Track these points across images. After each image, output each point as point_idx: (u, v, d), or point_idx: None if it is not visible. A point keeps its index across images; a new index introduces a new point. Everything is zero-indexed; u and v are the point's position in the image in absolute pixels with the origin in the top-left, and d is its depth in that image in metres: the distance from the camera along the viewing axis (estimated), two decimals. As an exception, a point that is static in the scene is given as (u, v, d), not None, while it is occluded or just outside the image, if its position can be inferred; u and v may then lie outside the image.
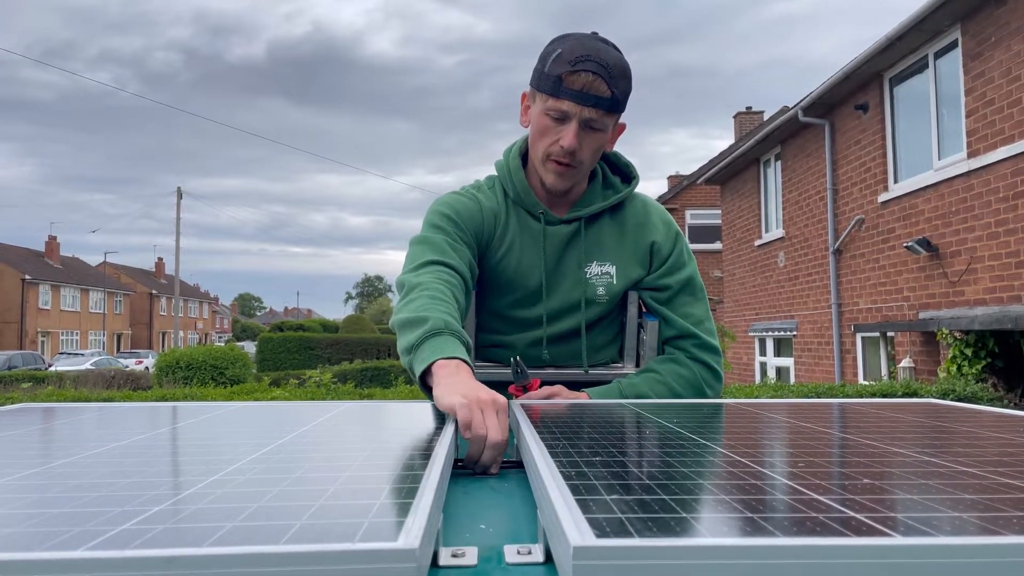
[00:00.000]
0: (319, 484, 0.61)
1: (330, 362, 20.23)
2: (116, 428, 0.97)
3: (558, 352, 1.54)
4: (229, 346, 12.70)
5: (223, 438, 0.89)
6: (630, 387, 1.44)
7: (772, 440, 0.85)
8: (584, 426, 0.96)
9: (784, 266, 11.44)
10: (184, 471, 0.67)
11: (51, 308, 46.44)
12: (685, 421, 1.01)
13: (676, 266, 1.55)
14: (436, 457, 0.70)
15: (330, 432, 0.92)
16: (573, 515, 0.51)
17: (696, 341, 1.51)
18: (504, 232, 1.55)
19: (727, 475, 0.64)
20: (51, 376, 13.23)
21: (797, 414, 1.07)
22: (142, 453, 0.78)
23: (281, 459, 0.73)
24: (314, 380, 5.41)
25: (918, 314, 7.83)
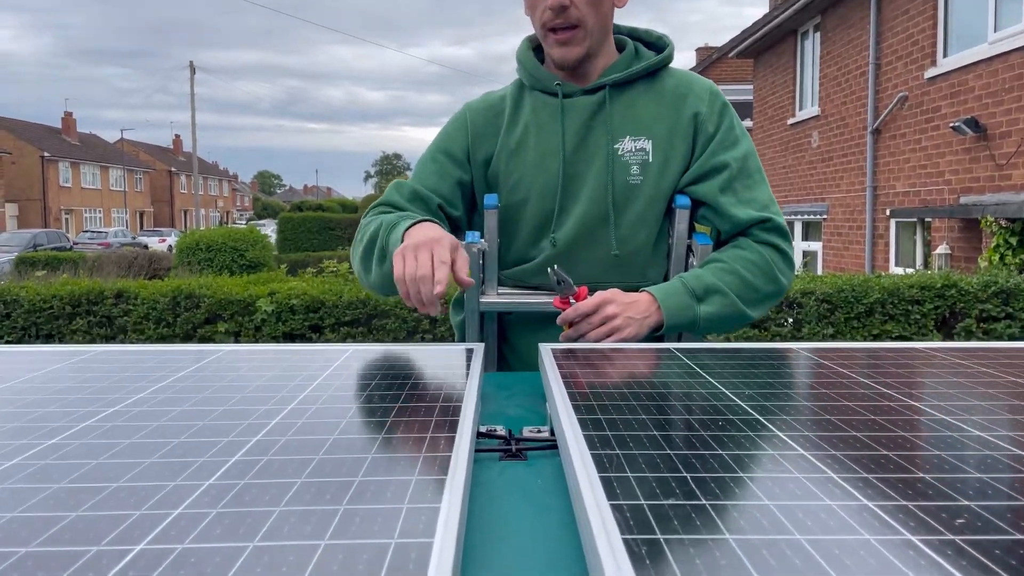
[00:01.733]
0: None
1: (350, 243, 20.16)
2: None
3: (587, 255, 1.32)
4: (249, 228, 12.59)
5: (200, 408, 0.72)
6: (695, 280, 1.23)
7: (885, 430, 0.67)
8: (637, 396, 0.78)
9: (818, 146, 10.95)
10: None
11: (72, 186, 46.53)
12: (751, 379, 0.82)
13: (727, 142, 1.30)
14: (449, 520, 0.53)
15: (323, 413, 0.75)
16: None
17: (764, 225, 1.29)
18: (514, 119, 1.34)
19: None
20: (73, 257, 13.30)
21: (883, 368, 0.88)
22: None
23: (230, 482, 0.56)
24: (331, 269, 5.30)
25: (959, 199, 7.47)
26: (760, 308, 1.28)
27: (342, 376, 0.89)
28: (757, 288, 1.26)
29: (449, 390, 0.82)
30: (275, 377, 0.88)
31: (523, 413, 0.95)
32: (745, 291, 1.25)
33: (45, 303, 4.71)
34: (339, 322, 4.63)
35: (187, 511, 0.50)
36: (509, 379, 1.17)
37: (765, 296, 1.28)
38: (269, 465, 0.59)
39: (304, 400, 0.78)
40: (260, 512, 0.49)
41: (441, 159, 1.37)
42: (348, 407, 0.75)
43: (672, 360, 0.96)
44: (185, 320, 4.66)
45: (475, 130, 1.37)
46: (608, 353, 1.02)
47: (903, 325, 4.58)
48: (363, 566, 0.42)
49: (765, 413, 0.72)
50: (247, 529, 0.47)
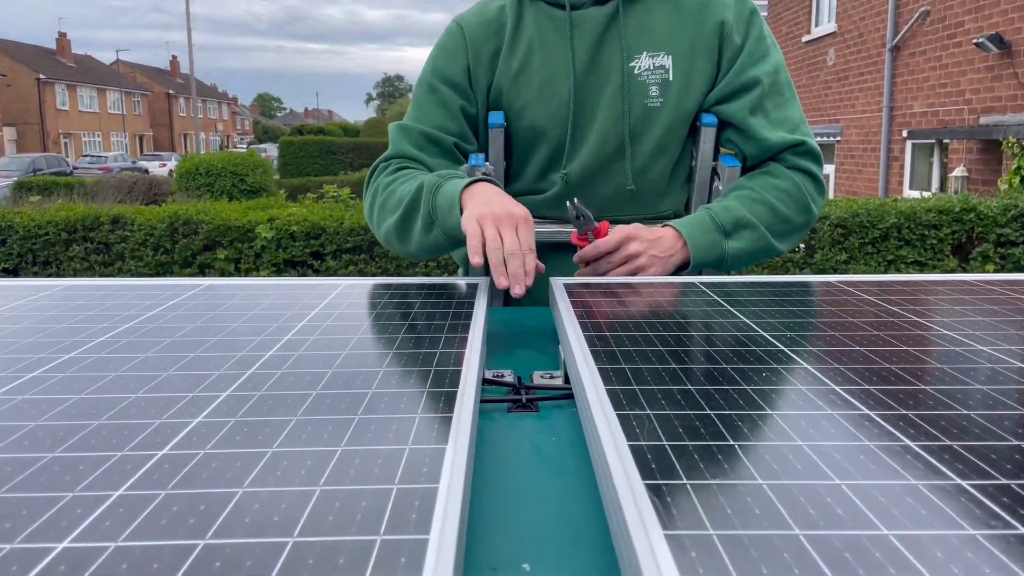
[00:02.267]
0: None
1: (352, 167, 19.92)
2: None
3: (601, 189, 1.20)
4: (249, 152, 12.36)
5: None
6: (724, 213, 1.11)
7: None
8: (657, 333, 0.68)
9: (833, 65, 10.57)
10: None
11: (69, 109, 45.78)
12: (782, 316, 0.72)
13: (757, 55, 1.16)
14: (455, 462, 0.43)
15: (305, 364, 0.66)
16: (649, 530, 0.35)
17: (796, 149, 1.17)
18: (516, 36, 1.19)
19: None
20: (72, 182, 13.12)
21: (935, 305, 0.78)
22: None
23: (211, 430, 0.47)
24: (332, 194, 5.16)
25: (979, 119, 7.22)
26: (790, 241, 1.17)
27: (333, 314, 0.79)
28: (788, 219, 1.15)
29: (451, 332, 0.72)
30: (265, 311, 0.79)
31: (533, 355, 0.86)
32: (776, 223, 1.14)
33: (40, 229, 4.61)
34: (340, 249, 4.53)
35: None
36: (516, 315, 1.08)
37: (796, 228, 1.17)
38: (262, 401, 0.50)
39: (299, 332, 0.68)
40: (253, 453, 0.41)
41: (442, 89, 1.21)
42: (336, 352, 0.65)
43: (694, 294, 0.86)
44: (184, 247, 4.57)
45: (475, 49, 1.21)
46: (625, 287, 0.92)
47: (919, 250, 4.46)
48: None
49: (793, 345, 0.63)
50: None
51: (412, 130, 1.21)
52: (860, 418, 0.49)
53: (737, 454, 0.44)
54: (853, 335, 0.69)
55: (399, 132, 1.23)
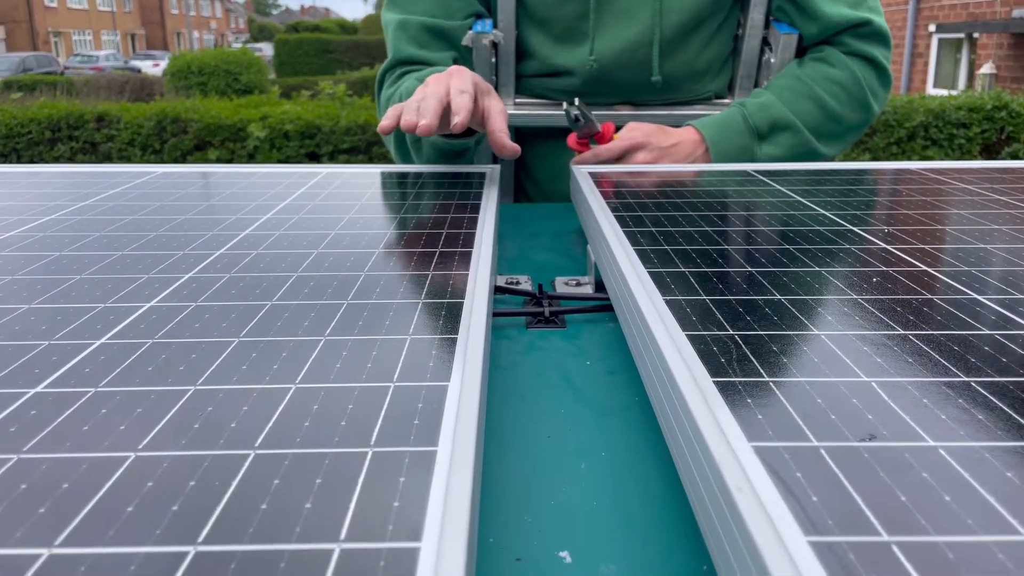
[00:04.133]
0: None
1: (350, 67, 19.24)
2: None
3: (625, 78, 1.02)
4: (242, 50, 11.88)
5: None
6: (760, 112, 0.95)
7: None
8: (710, 222, 0.53)
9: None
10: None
11: (58, 6, 44.13)
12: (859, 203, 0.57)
13: None
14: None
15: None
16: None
17: (860, 30, 0.97)
18: None
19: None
20: (63, 81, 12.68)
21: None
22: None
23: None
24: (327, 92, 4.89)
25: (1011, 11, 6.81)
26: (838, 145, 1.00)
27: (307, 206, 0.64)
28: (841, 119, 0.97)
29: (453, 227, 0.57)
30: (221, 203, 0.63)
31: (552, 257, 0.71)
32: (825, 123, 0.97)
33: (23, 127, 4.39)
34: (337, 149, 4.32)
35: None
36: (530, 211, 0.92)
37: (849, 128, 0.99)
38: (197, 313, 0.36)
39: (262, 226, 0.53)
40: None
41: None
42: (307, 252, 0.51)
43: (752, 183, 0.70)
44: (173, 146, 4.35)
45: None
46: (668, 173, 0.76)
47: (946, 151, 4.24)
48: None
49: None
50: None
51: (410, 24, 1.00)
52: (971, 302, 0.35)
53: (873, 391, 0.30)
54: (930, 213, 0.54)
55: (398, 31, 1.01)
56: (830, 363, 0.32)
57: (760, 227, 0.55)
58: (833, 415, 0.28)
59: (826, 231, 0.54)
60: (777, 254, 0.49)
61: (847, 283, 0.43)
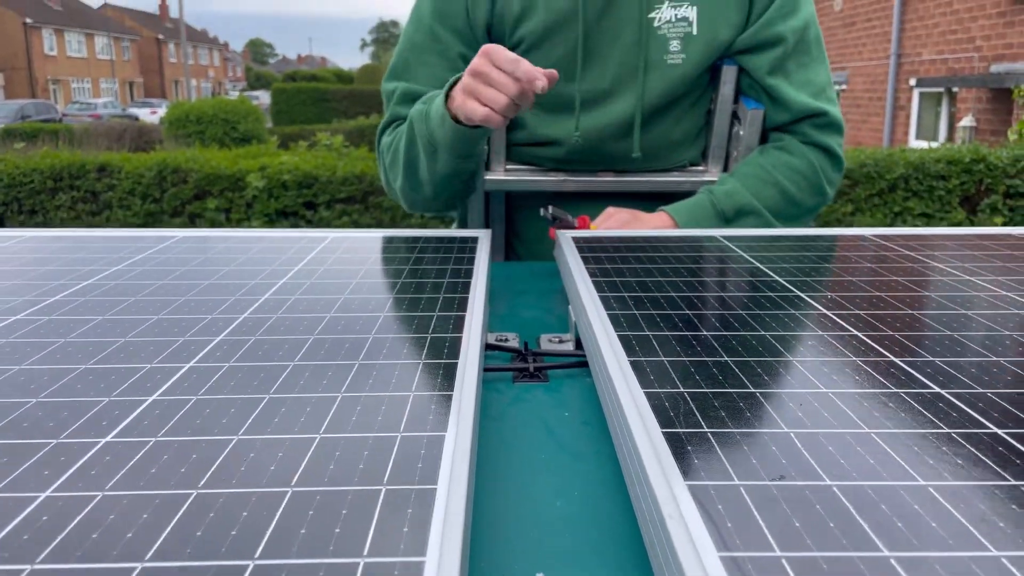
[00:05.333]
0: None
1: (346, 115, 19.56)
2: None
3: (608, 150, 1.10)
4: (240, 99, 12.09)
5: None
6: (727, 199, 1.03)
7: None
8: (676, 288, 0.60)
9: (840, 10, 10.29)
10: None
11: (57, 54, 44.82)
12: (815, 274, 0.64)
13: (789, 6, 1.05)
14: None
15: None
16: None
17: (819, 120, 1.07)
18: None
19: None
20: (61, 129, 12.86)
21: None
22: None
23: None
24: (324, 143, 5.02)
25: (989, 67, 7.05)
26: (798, 225, 1.09)
27: (318, 271, 0.71)
28: (799, 203, 1.07)
29: (449, 292, 0.65)
30: (241, 267, 0.71)
31: (538, 315, 0.78)
32: (785, 207, 1.06)
33: (25, 177, 4.48)
34: (334, 199, 4.42)
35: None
36: (519, 270, 1.00)
37: (807, 211, 1.09)
38: (227, 379, 0.42)
39: (280, 290, 0.60)
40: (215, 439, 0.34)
41: (444, 36, 1.09)
42: (320, 316, 0.58)
43: (717, 248, 0.78)
44: (173, 196, 4.45)
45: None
46: (641, 240, 0.84)
47: (926, 202, 4.37)
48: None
49: (832, 307, 0.56)
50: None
51: (408, 94, 1.09)
52: (887, 365, 0.42)
53: (793, 443, 0.37)
54: (898, 295, 0.62)
55: (397, 99, 1.11)
56: (760, 417, 0.40)
57: (718, 293, 0.63)
58: (754, 460, 0.35)
59: (776, 296, 0.62)
60: (730, 318, 0.56)
61: (785, 346, 0.50)
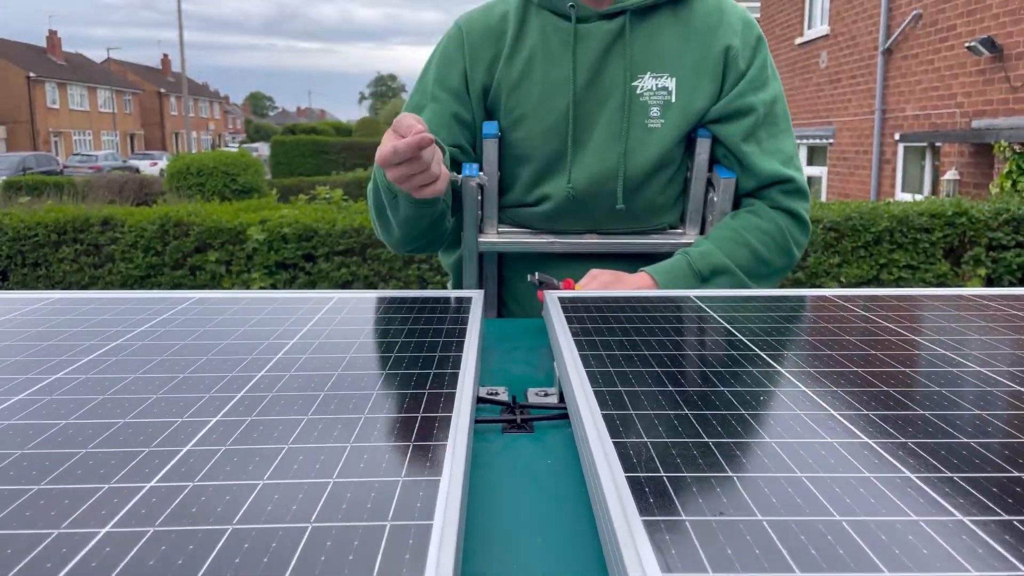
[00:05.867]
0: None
1: (344, 167, 19.85)
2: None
3: (595, 206, 1.19)
4: (241, 152, 12.31)
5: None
6: (702, 259, 1.12)
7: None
8: (649, 347, 0.67)
9: (826, 67, 10.60)
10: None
11: (59, 107, 45.49)
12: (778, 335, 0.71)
13: (759, 82, 1.16)
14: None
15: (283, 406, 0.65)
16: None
17: (786, 186, 1.16)
18: (518, 44, 1.17)
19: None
20: (63, 181, 13.03)
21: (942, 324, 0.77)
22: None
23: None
24: (324, 196, 5.14)
25: (971, 122, 7.25)
26: (768, 283, 1.18)
27: (325, 331, 0.78)
28: (769, 263, 1.15)
29: (444, 351, 0.72)
30: (256, 327, 0.77)
31: (527, 370, 0.85)
32: (756, 267, 1.14)
33: (30, 231, 4.57)
34: (333, 251, 4.51)
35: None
36: (510, 327, 1.07)
37: (776, 271, 1.18)
38: (254, 426, 0.49)
39: (291, 350, 0.67)
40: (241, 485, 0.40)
41: (442, 97, 1.20)
42: (328, 373, 0.64)
43: (690, 308, 0.86)
44: (175, 249, 4.54)
45: (472, 53, 1.19)
46: (621, 300, 0.91)
47: (911, 254, 4.47)
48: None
49: (789, 365, 0.63)
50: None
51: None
52: (859, 447, 0.49)
53: (735, 486, 0.43)
54: (849, 354, 0.69)
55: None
56: (710, 464, 0.46)
57: (686, 352, 0.70)
58: (700, 499, 0.42)
59: (738, 355, 0.69)
60: (694, 375, 0.63)
61: (740, 401, 0.57)
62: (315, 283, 4.52)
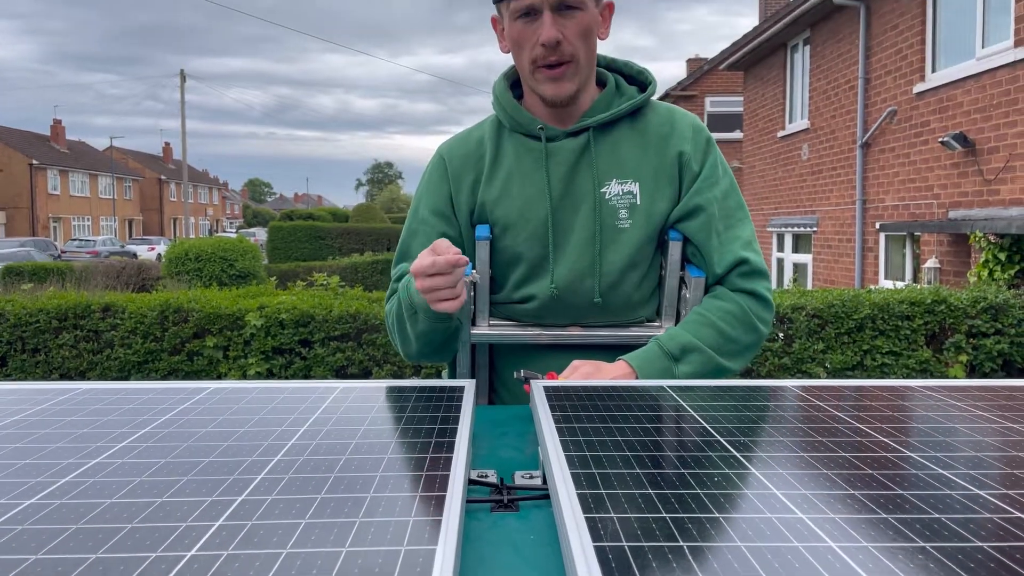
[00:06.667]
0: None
1: (340, 252, 20.13)
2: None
3: (576, 302, 1.30)
4: (239, 238, 12.53)
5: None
6: (670, 341, 1.22)
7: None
8: (625, 435, 0.76)
9: (807, 159, 11.00)
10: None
11: (60, 194, 46.24)
12: (747, 431, 0.80)
13: (712, 180, 1.29)
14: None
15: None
16: None
17: (743, 268, 1.28)
18: (496, 166, 1.32)
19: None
20: (61, 267, 13.18)
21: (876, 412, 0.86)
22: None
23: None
24: (321, 283, 5.27)
25: (947, 213, 7.51)
26: (740, 360, 1.28)
27: (332, 418, 0.87)
28: (736, 340, 1.26)
29: (440, 436, 0.80)
30: (270, 415, 0.86)
31: (514, 454, 0.93)
32: (724, 344, 1.25)
33: (31, 317, 4.65)
34: (329, 336, 4.60)
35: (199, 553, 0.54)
36: (500, 414, 1.15)
37: (745, 347, 1.28)
38: (272, 508, 0.57)
39: (302, 436, 0.75)
40: (268, 554, 0.48)
41: (432, 221, 1.34)
42: (337, 457, 0.73)
43: (663, 398, 0.95)
44: (173, 335, 4.62)
45: (456, 177, 1.34)
46: (601, 390, 1.00)
47: (893, 340, 4.58)
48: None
49: (746, 451, 0.71)
50: (279, 538, 0.54)
51: (405, 265, 1.33)
52: (794, 521, 0.57)
53: (693, 554, 0.52)
54: (799, 441, 0.78)
55: (399, 274, 1.35)
56: (667, 535, 0.55)
57: (656, 437, 0.79)
58: (655, 564, 0.50)
59: (701, 441, 0.78)
60: (660, 459, 0.72)
61: (697, 482, 0.66)
62: (311, 368, 4.59)
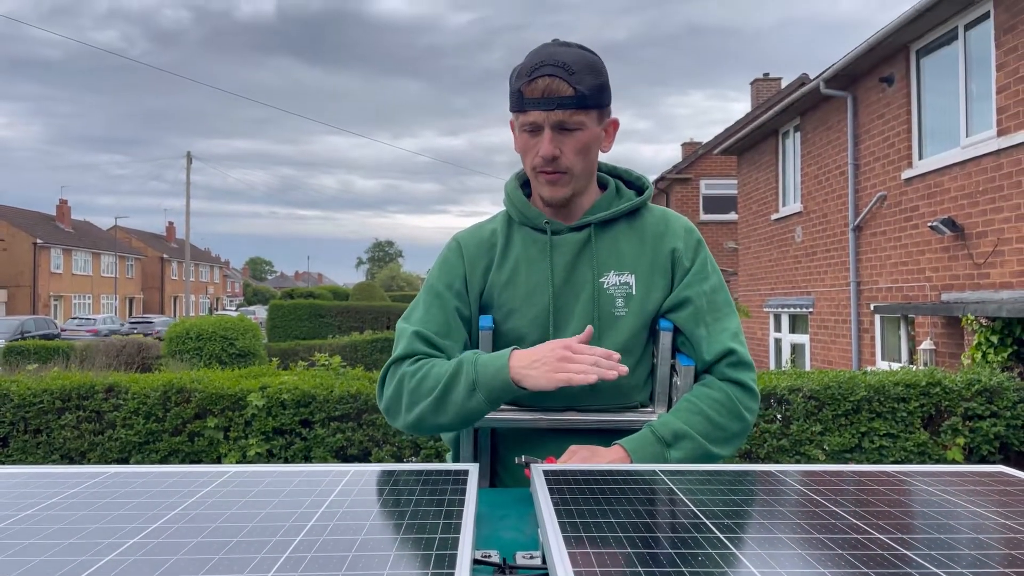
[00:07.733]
0: None
1: (340, 330, 20.20)
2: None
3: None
4: (240, 317, 12.64)
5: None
6: (663, 427, 1.30)
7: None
8: (618, 518, 0.82)
9: (801, 241, 11.22)
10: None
11: (63, 272, 46.63)
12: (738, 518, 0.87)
13: (702, 275, 1.42)
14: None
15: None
16: None
17: (731, 359, 1.38)
18: (505, 254, 1.45)
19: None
20: (62, 346, 13.23)
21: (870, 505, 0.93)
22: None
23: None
24: (323, 363, 5.34)
25: (940, 295, 7.63)
26: (728, 447, 1.35)
27: (347, 501, 0.93)
28: (723, 427, 1.33)
29: (447, 519, 0.87)
30: (286, 498, 0.92)
31: (516, 536, 0.99)
32: (712, 431, 1.32)
33: (35, 397, 4.69)
34: (330, 417, 4.63)
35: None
36: (502, 497, 1.21)
37: (732, 435, 1.35)
38: (312, 563, 0.63)
39: (321, 517, 0.82)
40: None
41: (446, 295, 1.43)
42: (353, 538, 0.79)
43: (656, 482, 1.01)
44: (175, 415, 4.65)
45: (470, 261, 1.46)
46: (598, 474, 1.07)
47: (890, 423, 4.61)
48: None
49: (730, 532, 0.77)
50: None
51: (421, 334, 1.40)
52: (746, 573, 0.64)
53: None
54: (778, 523, 0.84)
55: (411, 336, 1.41)
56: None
57: (646, 520, 0.85)
58: (641, 632, 0.56)
59: (688, 523, 0.84)
60: (650, 540, 0.78)
61: (684, 562, 0.72)
62: (311, 448, 4.60)
